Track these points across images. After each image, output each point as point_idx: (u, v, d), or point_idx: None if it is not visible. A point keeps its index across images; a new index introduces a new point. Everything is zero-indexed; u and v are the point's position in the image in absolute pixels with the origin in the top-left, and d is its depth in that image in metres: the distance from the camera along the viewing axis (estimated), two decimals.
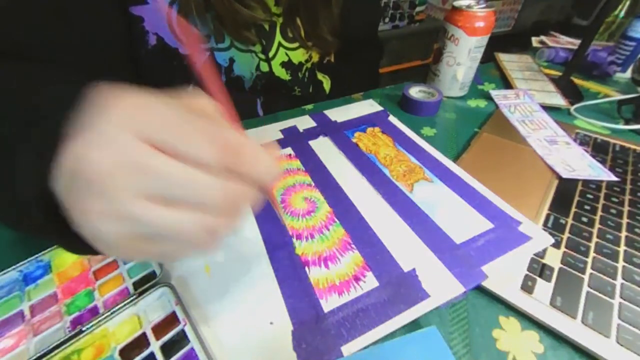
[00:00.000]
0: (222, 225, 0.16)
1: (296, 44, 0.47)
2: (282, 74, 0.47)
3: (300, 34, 0.46)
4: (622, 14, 0.66)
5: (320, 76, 0.55)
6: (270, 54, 0.44)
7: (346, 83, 0.60)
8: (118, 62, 0.37)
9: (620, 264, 0.27)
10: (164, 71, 0.39)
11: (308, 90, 0.52)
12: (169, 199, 0.14)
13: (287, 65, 0.47)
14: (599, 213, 0.32)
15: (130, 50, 0.37)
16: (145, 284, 0.25)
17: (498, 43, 0.60)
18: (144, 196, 0.14)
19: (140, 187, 0.14)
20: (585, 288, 0.25)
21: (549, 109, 0.48)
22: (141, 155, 0.13)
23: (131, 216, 0.14)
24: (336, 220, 0.31)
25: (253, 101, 0.48)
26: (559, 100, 0.50)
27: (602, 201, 0.33)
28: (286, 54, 0.46)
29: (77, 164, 0.14)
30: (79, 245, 0.19)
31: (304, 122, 0.45)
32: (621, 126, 0.45)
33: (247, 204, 0.16)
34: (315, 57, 0.51)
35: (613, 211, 0.32)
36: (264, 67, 0.44)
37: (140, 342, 0.22)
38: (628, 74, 0.59)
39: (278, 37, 0.44)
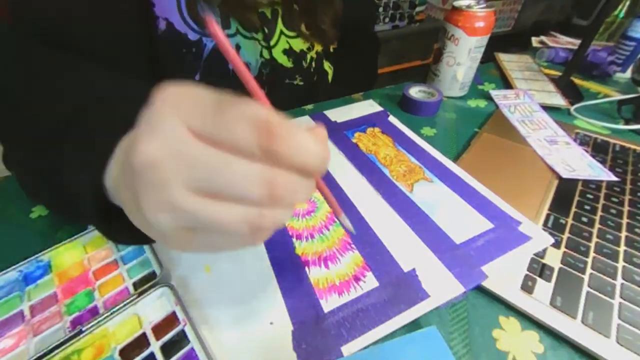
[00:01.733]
0: (266, 218, 0.14)
1: (296, 30, 0.47)
2: (284, 61, 0.47)
3: (299, 26, 0.46)
4: (622, 14, 0.66)
5: (326, 66, 0.55)
6: (272, 42, 0.45)
7: (346, 76, 0.60)
8: (135, 48, 0.37)
9: (620, 264, 0.27)
10: (172, 56, 0.39)
11: (312, 79, 0.52)
12: (213, 191, 0.14)
13: (289, 52, 0.47)
14: (599, 213, 0.32)
15: (145, 37, 0.38)
16: (145, 284, 0.25)
17: (498, 43, 0.60)
18: (189, 186, 0.14)
19: (185, 177, 0.13)
20: (585, 288, 0.25)
21: (549, 109, 0.48)
22: (183, 145, 0.13)
23: (176, 207, 0.14)
24: (336, 220, 0.31)
25: None
26: (559, 100, 0.50)
27: (602, 201, 0.33)
28: (287, 42, 0.46)
29: (127, 156, 0.14)
30: (124, 235, 0.21)
31: (304, 123, 0.45)
32: (621, 126, 0.45)
33: (294, 195, 0.15)
34: (318, 46, 0.51)
35: (613, 211, 0.32)
36: (267, 54, 0.45)
37: (140, 342, 0.22)
38: (628, 74, 0.59)
39: (280, 26, 0.45)
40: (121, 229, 0.21)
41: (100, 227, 0.21)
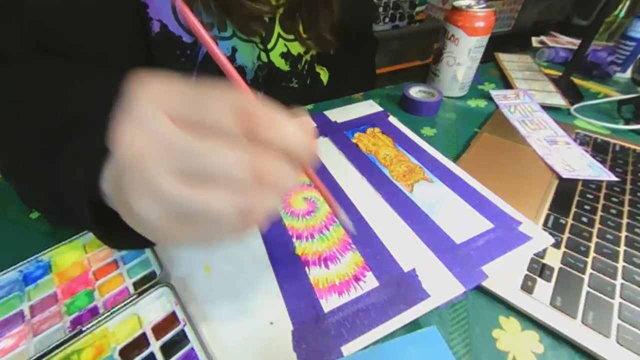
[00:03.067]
0: (255, 204, 0.14)
1: (294, 36, 0.47)
2: (282, 64, 0.47)
3: (299, 32, 0.46)
4: (622, 14, 0.66)
5: (318, 68, 0.55)
6: (270, 45, 0.44)
7: (344, 76, 0.60)
8: (130, 49, 0.37)
9: (620, 264, 0.27)
10: (167, 58, 0.39)
11: (306, 82, 0.52)
12: (198, 177, 0.14)
13: (287, 56, 0.47)
14: (599, 213, 0.32)
15: (140, 38, 0.37)
16: (145, 284, 0.25)
17: (498, 43, 0.60)
18: (173, 174, 0.14)
19: (168, 165, 0.13)
20: (585, 288, 0.25)
21: (549, 109, 0.48)
22: (165, 132, 0.13)
23: (161, 194, 0.14)
24: (336, 220, 0.31)
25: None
26: (559, 100, 0.50)
27: (602, 201, 0.33)
28: (285, 45, 0.46)
29: (114, 149, 0.14)
30: (120, 239, 0.21)
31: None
32: (621, 126, 0.45)
33: (279, 180, 0.14)
34: (315, 50, 0.51)
35: (613, 211, 0.32)
36: (264, 57, 0.45)
37: (140, 342, 0.22)
38: (628, 74, 0.59)
39: (277, 29, 0.45)
40: (119, 234, 0.21)
41: (97, 232, 0.21)
